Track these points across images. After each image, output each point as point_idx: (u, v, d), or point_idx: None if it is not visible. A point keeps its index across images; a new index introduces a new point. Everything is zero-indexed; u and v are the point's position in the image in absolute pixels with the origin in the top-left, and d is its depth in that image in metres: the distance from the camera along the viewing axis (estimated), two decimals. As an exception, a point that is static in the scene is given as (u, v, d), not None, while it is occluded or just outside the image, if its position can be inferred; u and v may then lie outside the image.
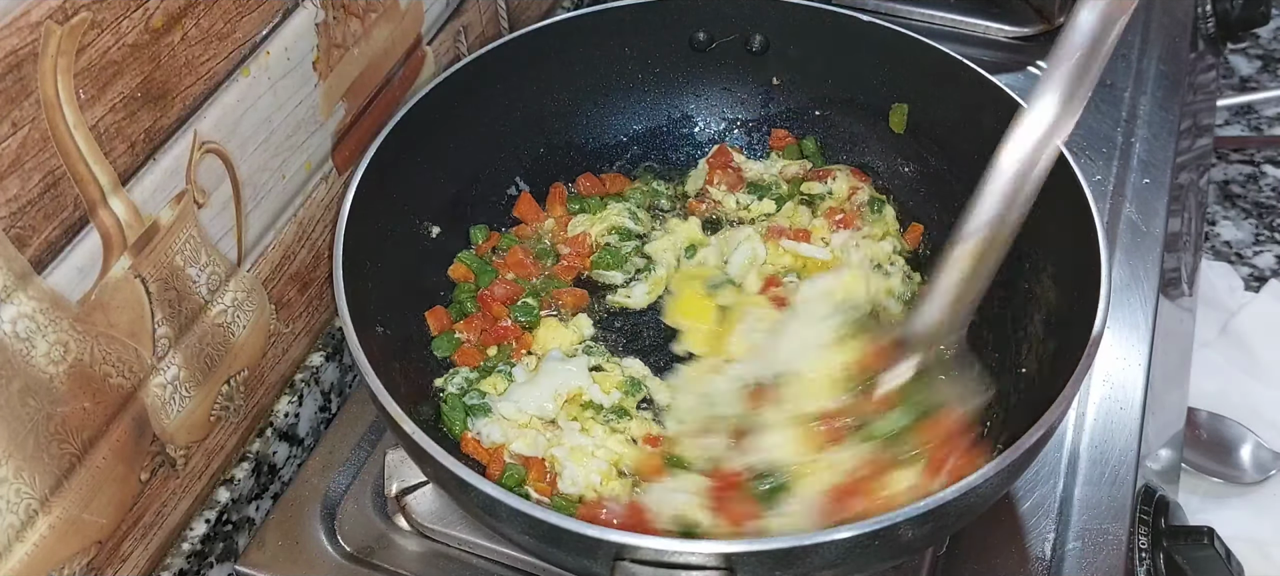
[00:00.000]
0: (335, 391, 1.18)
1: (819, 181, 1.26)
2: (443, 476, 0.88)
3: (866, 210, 1.23)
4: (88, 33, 0.78)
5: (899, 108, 1.26)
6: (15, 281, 0.77)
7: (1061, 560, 1.03)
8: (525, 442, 1.03)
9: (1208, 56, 1.69)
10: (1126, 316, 1.24)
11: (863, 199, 1.24)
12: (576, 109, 1.30)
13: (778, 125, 1.33)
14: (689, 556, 0.81)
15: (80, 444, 0.86)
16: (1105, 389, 1.17)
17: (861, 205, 1.24)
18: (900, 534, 0.83)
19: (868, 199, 1.24)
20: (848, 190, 1.25)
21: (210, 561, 1.03)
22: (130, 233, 0.87)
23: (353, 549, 1.03)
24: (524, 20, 1.45)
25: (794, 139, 1.32)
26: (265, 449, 1.09)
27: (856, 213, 1.22)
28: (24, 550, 0.83)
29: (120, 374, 0.89)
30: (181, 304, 0.95)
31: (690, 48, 1.31)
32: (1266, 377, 1.96)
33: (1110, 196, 1.36)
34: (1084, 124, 1.44)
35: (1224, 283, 2.14)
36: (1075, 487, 1.08)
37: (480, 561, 1.03)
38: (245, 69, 0.96)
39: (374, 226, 1.08)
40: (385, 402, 0.91)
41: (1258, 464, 1.84)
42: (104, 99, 0.81)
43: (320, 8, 1.04)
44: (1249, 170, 2.41)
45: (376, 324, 1.05)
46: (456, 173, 1.20)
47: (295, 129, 1.05)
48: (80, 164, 0.80)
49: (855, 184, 1.25)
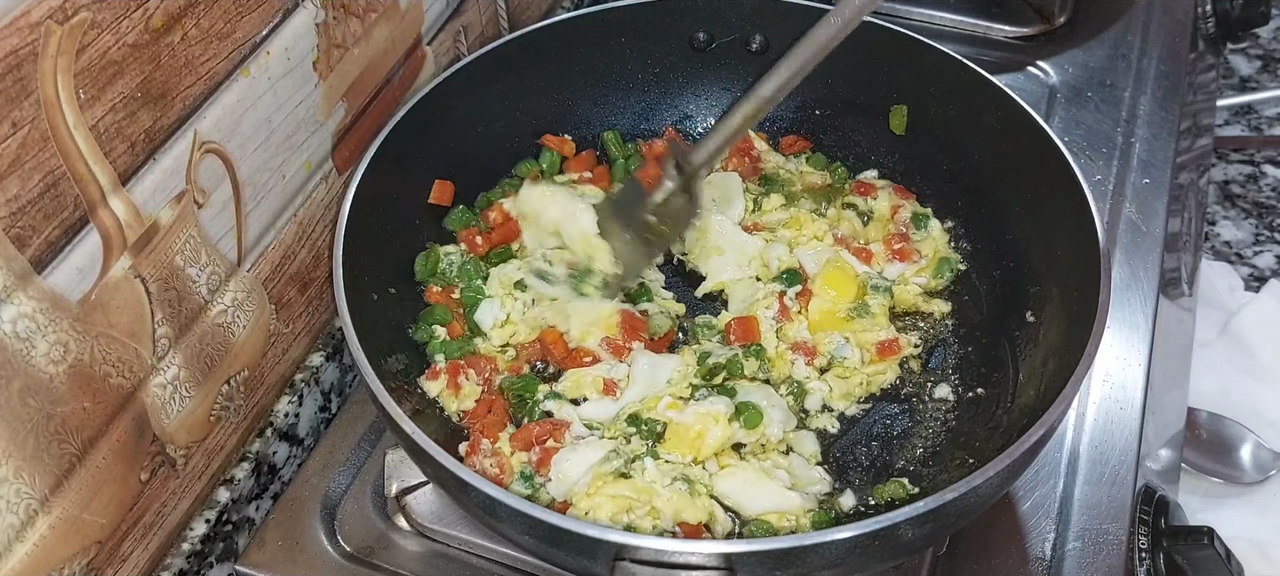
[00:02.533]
0: (335, 391, 1.18)
1: (861, 197, 1.26)
2: (443, 476, 0.88)
3: (912, 229, 1.22)
4: (88, 33, 0.78)
5: (899, 108, 1.26)
6: (15, 281, 0.77)
7: (1061, 560, 1.03)
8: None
9: (1208, 56, 1.69)
10: (1126, 316, 1.24)
11: (906, 216, 1.23)
12: (576, 109, 1.30)
13: (778, 126, 1.33)
14: (689, 556, 0.81)
15: (80, 444, 0.86)
16: (1105, 389, 1.17)
17: (906, 224, 1.22)
18: (900, 534, 0.83)
19: (912, 215, 1.23)
20: (891, 209, 1.24)
21: (210, 561, 1.03)
22: (130, 233, 0.87)
23: (353, 549, 1.03)
24: (524, 20, 1.45)
25: (806, 145, 1.32)
26: (265, 449, 1.09)
27: (913, 249, 1.20)
28: (24, 550, 0.83)
29: (120, 374, 0.89)
30: (181, 304, 0.95)
31: (690, 48, 1.31)
32: (1266, 377, 1.96)
33: (1110, 196, 1.36)
34: (1084, 124, 1.44)
35: (1224, 282, 2.13)
36: (1075, 487, 1.08)
37: (480, 561, 1.03)
38: (245, 69, 0.96)
39: (374, 226, 1.08)
40: (385, 403, 0.91)
41: (1258, 464, 1.84)
42: (104, 99, 0.81)
43: (320, 8, 1.04)
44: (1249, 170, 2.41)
45: (377, 323, 1.05)
46: (456, 172, 1.20)
47: (295, 129, 1.05)
48: (80, 164, 0.80)
49: (897, 202, 1.25)
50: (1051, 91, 1.48)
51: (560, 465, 1.01)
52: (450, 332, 1.11)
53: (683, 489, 0.99)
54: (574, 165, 1.27)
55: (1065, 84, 1.49)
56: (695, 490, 1.00)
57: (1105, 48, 1.55)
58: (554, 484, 1.01)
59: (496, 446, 1.04)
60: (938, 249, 1.21)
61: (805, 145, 1.32)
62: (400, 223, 1.14)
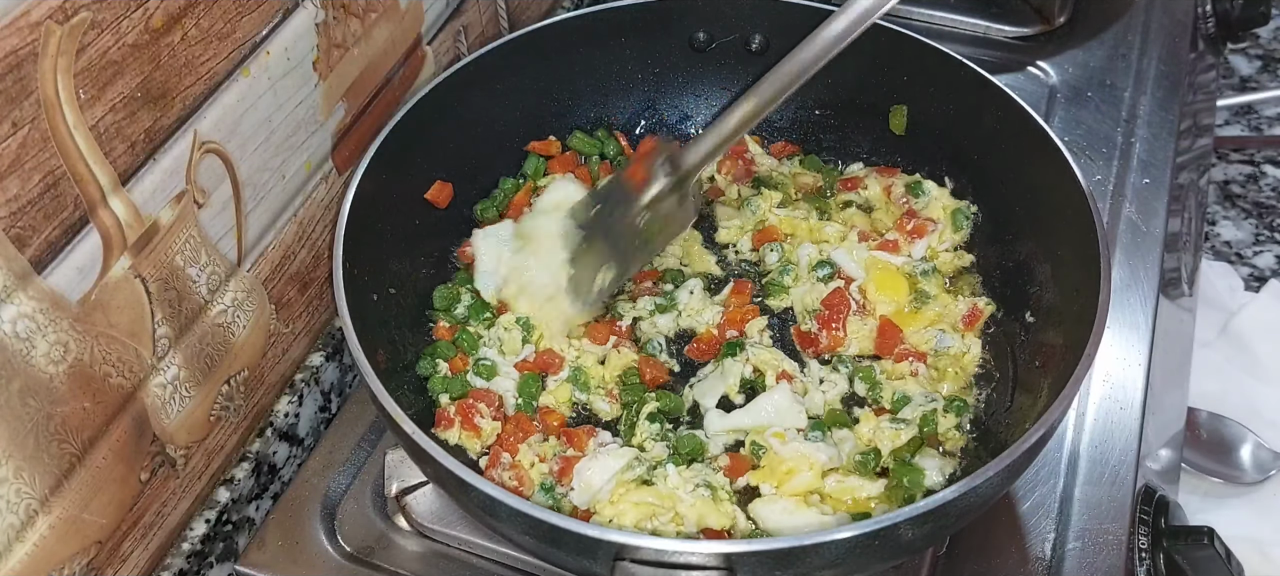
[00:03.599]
0: (335, 391, 1.18)
1: (851, 191, 1.26)
2: (443, 476, 0.88)
3: (912, 199, 1.22)
4: (88, 33, 0.78)
5: (899, 109, 1.26)
6: (15, 281, 0.77)
7: (1061, 560, 1.03)
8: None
9: (1208, 56, 1.69)
10: (1126, 316, 1.24)
11: (901, 190, 1.23)
12: (576, 109, 1.30)
13: (778, 127, 1.33)
14: (689, 556, 0.81)
15: (80, 444, 0.86)
16: (1105, 389, 1.17)
17: (905, 198, 1.23)
18: (900, 534, 0.83)
19: (906, 186, 1.23)
20: (883, 189, 1.24)
21: (210, 561, 1.03)
22: (130, 233, 0.87)
23: (353, 549, 1.03)
24: (524, 20, 1.45)
25: (796, 149, 1.32)
26: (265, 449, 1.09)
27: (925, 219, 1.20)
28: (24, 550, 0.83)
29: (120, 374, 0.89)
30: (181, 304, 0.95)
31: (690, 48, 1.31)
32: (1266, 377, 1.95)
33: (1110, 196, 1.36)
34: (1084, 124, 1.44)
35: (1224, 282, 2.13)
36: (1075, 487, 1.08)
37: (480, 561, 1.03)
38: (245, 69, 0.96)
39: (374, 226, 1.08)
40: (385, 403, 0.91)
41: (1258, 464, 1.84)
42: (104, 99, 0.81)
43: (320, 8, 1.04)
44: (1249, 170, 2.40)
45: (377, 323, 1.05)
46: (456, 172, 1.20)
47: (295, 129, 1.05)
48: (80, 164, 0.80)
49: (886, 181, 1.25)
50: (1051, 91, 1.48)
51: (583, 474, 1.01)
52: (452, 367, 1.09)
53: (706, 495, 0.99)
54: (557, 166, 1.27)
55: (1065, 84, 1.49)
56: (718, 497, 0.99)
57: (1105, 48, 1.55)
58: (577, 493, 1.01)
59: (517, 459, 1.03)
60: (945, 205, 1.21)
61: (794, 150, 1.32)
62: (400, 223, 1.14)
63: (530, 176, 1.26)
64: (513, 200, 1.24)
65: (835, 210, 1.25)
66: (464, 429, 1.05)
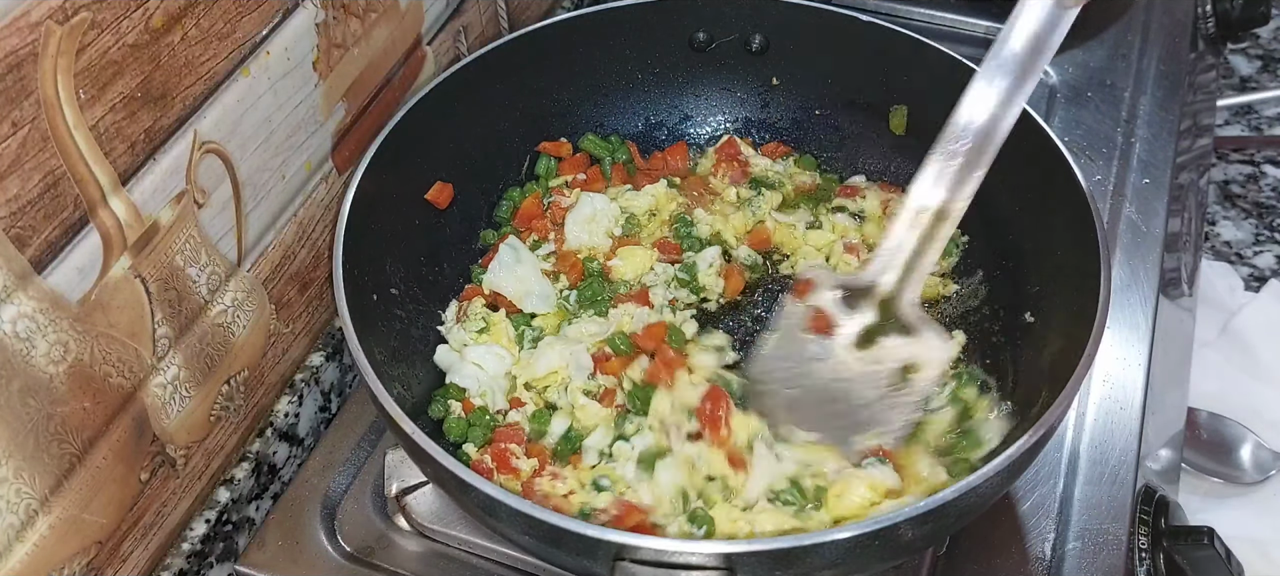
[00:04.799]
0: (335, 391, 1.18)
1: (848, 198, 1.26)
2: (443, 476, 0.88)
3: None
4: (88, 33, 0.78)
5: (899, 109, 1.26)
6: (15, 281, 0.77)
7: (1061, 560, 1.03)
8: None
9: (1208, 56, 1.69)
10: (1126, 316, 1.24)
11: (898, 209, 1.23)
12: (576, 109, 1.30)
13: (778, 128, 1.33)
14: (689, 556, 0.81)
15: (80, 444, 0.86)
16: (1105, 389, 1.17)
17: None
18: (900, 534, 0.83)
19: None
20: (882, 204, 1.24)
21: (210, 561, 1.03)
22: (130, 233, 0.87)
23: (353, 549, 1.03)
24: (524, 20, 1.45)
25: (790, 150, 1.32)
26: (265, 449, 1.09)
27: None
28: (24, 550, 0.83)
29: (120, 374, 0.89)
30: (181, 304, 0.95)
31: (690, 48, 1.31)
32: (1266, 377, 1.95)
33: (1110, 196, 1.36)
34: (1084, 124, 1.44)
35: (1224, 282, 2.13)
36: (1075, 487, 1.08)
37: (480, 561, 1.03)
38: (245, 69, 0.96)
39: (374, 227, 1.08)
40: (385, 403, 0.91)
41: (1258, 464, 1.84)
42: (104, 99, 0.81)
43: (320, 8, 1.04)
44: (1249, 170, 2.40)
45: (377, 323, 1.05)
46: (456, 173, 1.20)
47: (295, 129, 1.05)
48: (80, 164, 0.80)
49: (886, 196, 1.24)
50: (1051, 91, 1.48)
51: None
52: (465, 408, 1.06)
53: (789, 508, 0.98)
54: (567, 167, 1.27)
55: (1065, 84, 1.49)
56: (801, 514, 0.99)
57: (1105, 48, 1.55)
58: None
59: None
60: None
61: (788, 150, 1.32)
62: (400, 223, 1.14)
63: (542, 177, 1.26)
64: (521, 208, 1.23)
65: (825, 215, 1.25)
66: (502, 474, 1.01)
